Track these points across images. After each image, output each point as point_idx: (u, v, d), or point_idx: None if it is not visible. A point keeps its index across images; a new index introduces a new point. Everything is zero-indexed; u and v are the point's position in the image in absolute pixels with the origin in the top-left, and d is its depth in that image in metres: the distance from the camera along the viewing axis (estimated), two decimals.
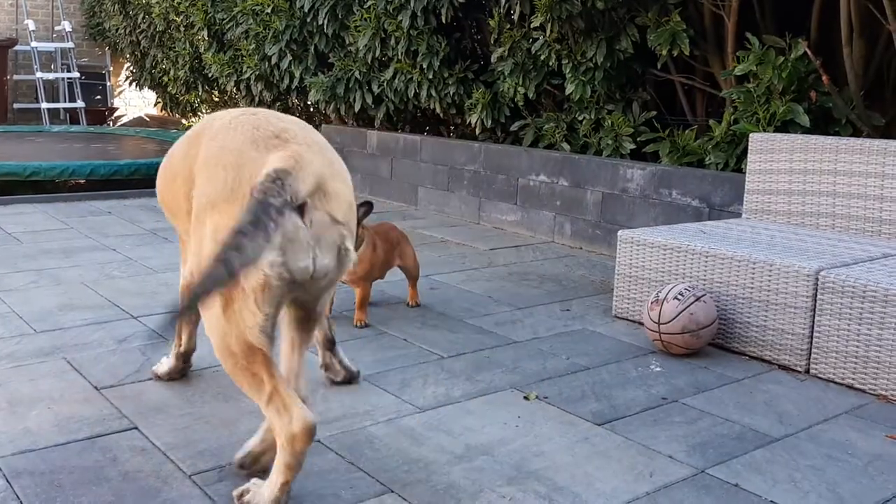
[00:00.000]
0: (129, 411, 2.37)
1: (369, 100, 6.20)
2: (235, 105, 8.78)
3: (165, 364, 2.61)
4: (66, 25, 10.66)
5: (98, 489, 1.94)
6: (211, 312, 1.81)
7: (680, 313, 2.91)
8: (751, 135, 3.81)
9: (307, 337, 2.02)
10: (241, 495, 1.86)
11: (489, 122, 5.41)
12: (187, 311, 1.75)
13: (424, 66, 5.61)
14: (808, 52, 3.84)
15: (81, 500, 1.90)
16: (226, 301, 1.77)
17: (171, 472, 2.03)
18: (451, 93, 5.60)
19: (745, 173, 3.93)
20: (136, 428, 2.27)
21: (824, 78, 3.81)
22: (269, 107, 7.46)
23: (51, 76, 10.53)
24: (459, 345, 3.04)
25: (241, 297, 1.75)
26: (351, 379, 2.62)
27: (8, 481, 1.96)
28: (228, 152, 1.84)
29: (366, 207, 3.16)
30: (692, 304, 2.92)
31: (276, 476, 1.82)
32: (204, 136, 1.96)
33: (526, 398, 2.56)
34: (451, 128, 6.42)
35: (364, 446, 2.20)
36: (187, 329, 2.60)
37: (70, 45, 10.63)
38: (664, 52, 4.38)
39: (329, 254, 1.80)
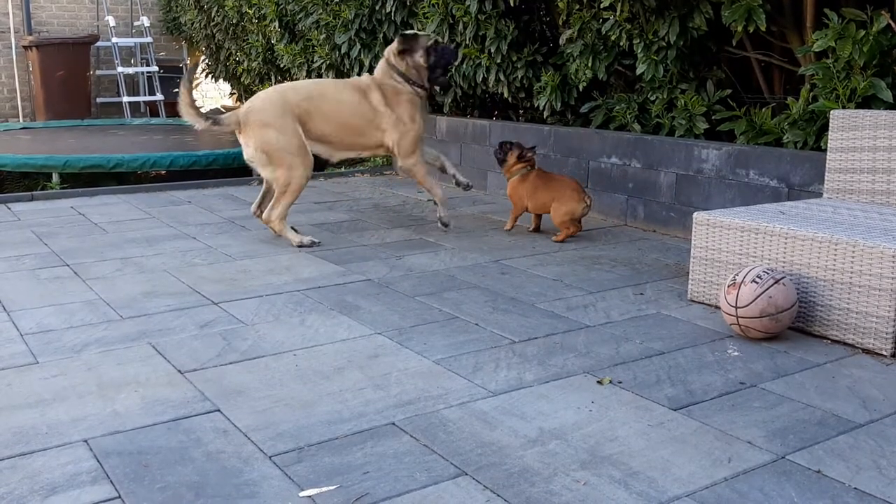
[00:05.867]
0: (212, 394, 2.45)
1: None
2: None
3: None
4: (145, 21, 10.97)
5: (183, 469, 2.02)
6: None
7: (758, 296, 2.85)
8: (832, 112, 3.69)
9: None
10: None
11: (558, 104, 5.36)
12: None
13: (492, 50, 5.59)
14: (892, 24, 3.69)
15: (167, 479, 1.97)
16: None
17: (252, 453, 2.09)
18: (520, 76, 5.57)
19: (825, 152, 3.80)
20: (218, 410, 2.34)
21: None
22: None
23: (131, 70, 10.85)
24: (531, 329, 3.04)
25: None
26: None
27: (98, 461, 2.05)
28: None
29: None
30: (771, 286, 2.86)
31: None
32: None
33: (599, 383, 2.55)
34: (520, 112, 6.39)
35: (438, 429, 2.23)
36: None
37: (149, 39, 10.94)
38: (739, 29, 4.26)
39: None
